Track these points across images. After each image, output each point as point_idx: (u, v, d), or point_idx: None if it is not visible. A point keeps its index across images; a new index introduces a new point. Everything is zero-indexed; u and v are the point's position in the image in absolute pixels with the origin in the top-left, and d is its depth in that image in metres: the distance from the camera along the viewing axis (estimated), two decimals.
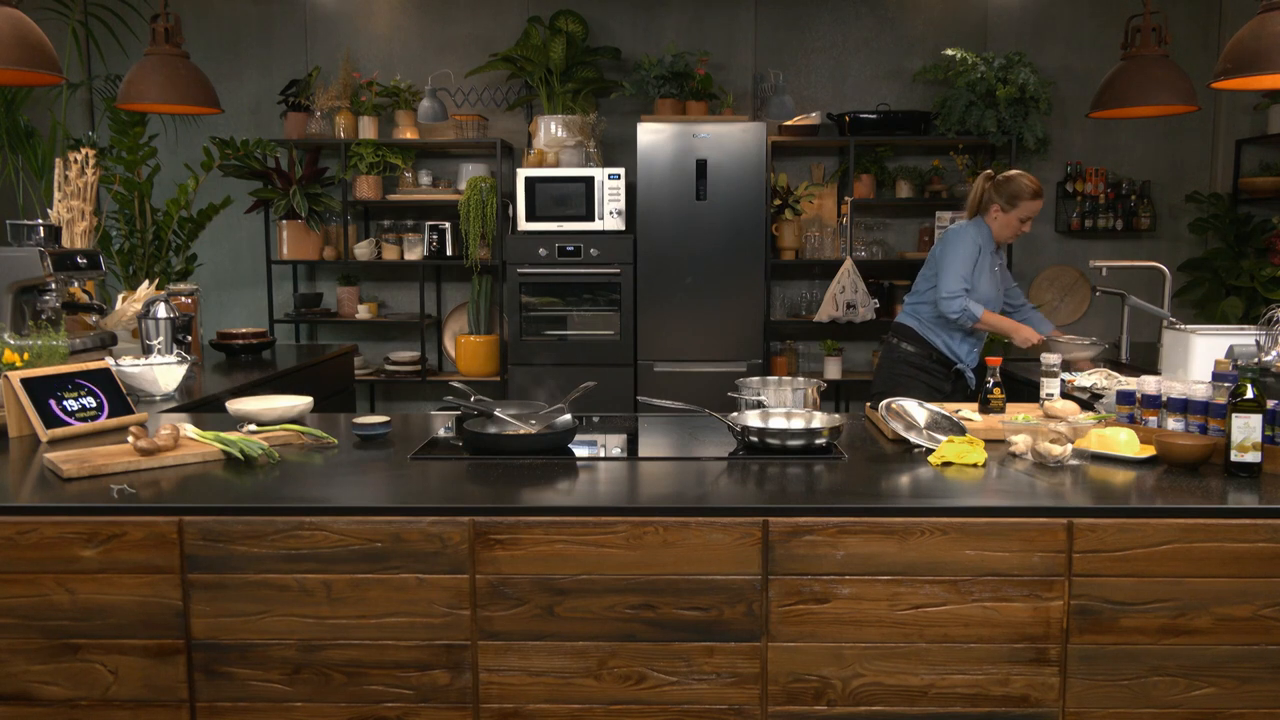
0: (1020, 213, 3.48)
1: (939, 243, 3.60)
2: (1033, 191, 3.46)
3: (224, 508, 1.83)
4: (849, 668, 1.84)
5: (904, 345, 3.63)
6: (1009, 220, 3.50)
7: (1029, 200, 3.46)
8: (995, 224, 3.53)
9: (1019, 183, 3.48)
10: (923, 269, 3.66)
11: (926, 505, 1.83)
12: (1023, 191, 3.46)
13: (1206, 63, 5.18)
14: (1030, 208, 3.47)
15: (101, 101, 5.34)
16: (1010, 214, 3.49)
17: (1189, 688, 1.84)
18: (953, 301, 3.42)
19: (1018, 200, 3.46)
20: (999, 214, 3.51)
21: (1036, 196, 3.47)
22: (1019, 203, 3.46)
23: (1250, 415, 1.95)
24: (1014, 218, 3.49)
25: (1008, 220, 3.50)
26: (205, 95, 3.85)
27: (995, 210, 3.51)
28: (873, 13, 5.55)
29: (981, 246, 3.49)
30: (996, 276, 3.59)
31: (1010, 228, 3.52)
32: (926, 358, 3.56)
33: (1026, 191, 3.46)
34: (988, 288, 3.53)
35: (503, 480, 2.02)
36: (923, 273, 3.65)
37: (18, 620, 1.83)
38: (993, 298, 3.57)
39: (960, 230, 3.53)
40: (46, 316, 3.20)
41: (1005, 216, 3.50)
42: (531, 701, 1.85)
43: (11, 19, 2.97)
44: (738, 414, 2.39)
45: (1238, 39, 2.93)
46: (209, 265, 5.61)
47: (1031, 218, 3.50)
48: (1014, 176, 3.50)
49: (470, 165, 5.49)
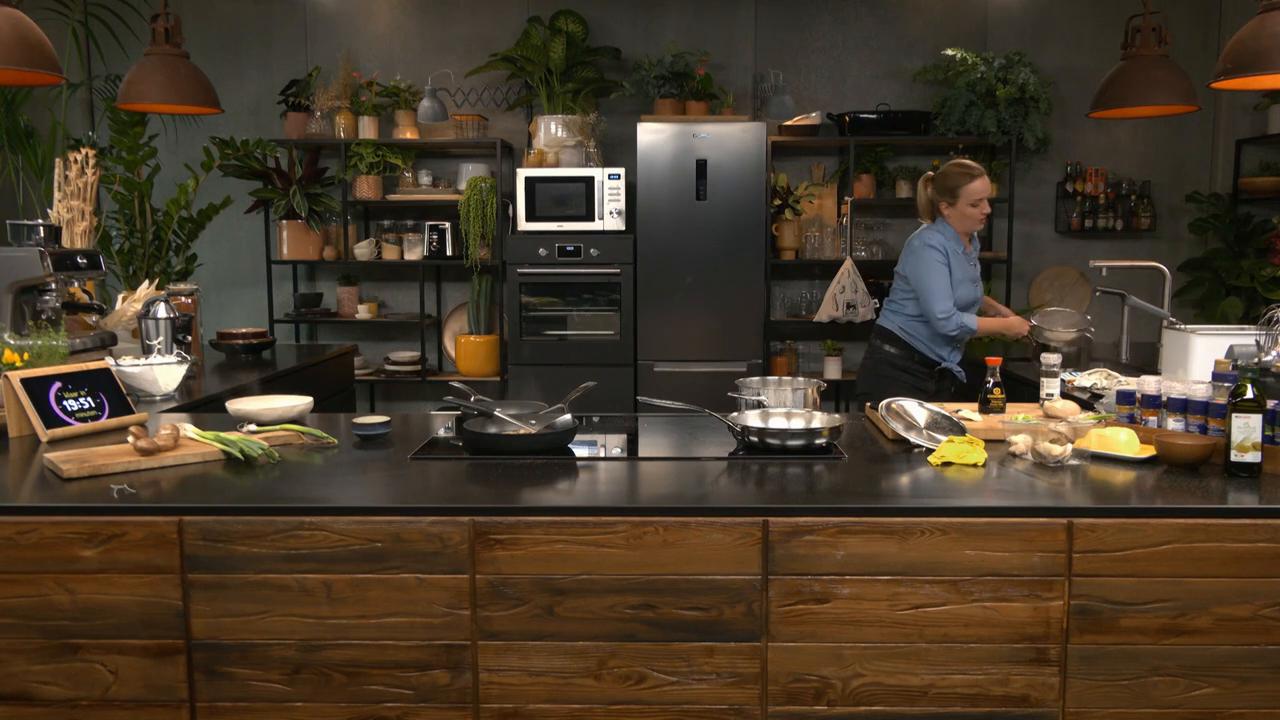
0: (966, 199, 3.39)
1: (907, 255, 3.52)
2: (967, 175, 3.38)
3: (224, 508, 1.83)
4: (849, 668, 1.84)
5: (886, 347, 3.59)
6: (960, 212, 3.42)
7: (967, 184, 3.38)
8: (952, 220, 3.46)
9: (950, 174, 3.41)
10: (896, 274, 3.62)
11: (926, 505, 1.83)
12: (957, 180, 3.39)
13: (1206, 63, 5.18)
14: (972, 191, 3.38)
15: (101, 101, 5.34)
16: (958, 205, 3.41)
17: (1189, 688, 1.84)
18: (947, 322, 3.38)
19: (956, 190, 3.39)
20: (949, 210, 3.44)
21: (973, 178, 3.38)
22: (959, 191, 3.39)
23: (1250, 415, 1.95)
24: (963, 207, 3.41)
25: (959, 212, 3.42)
26: (205, 95, 3.85)
27: (944, 208, 3.45)
28: (873, 13, 5.55)
29: (949, 250, 3.42)
30: (975, 273, 3.54)
31: (967, 218, 3.43)
32: (909, 359, 3.54)
33: (961, 178, 3.39)
34: (969, 290, 3.48)
35: (503, 480, 2.02)
36: (897, 280, 3.60)
37: (18, 620, 1.83)
38: (976, 297, 3.53)
39: (922, 245, 3.45)
40: (46, 316, 3.20)
41: (955, 210, 3.43)
42: (531, 701, 1.85)
43: (11, 19, 2.97)
44: (738, 414, 2.39)
45: (1238, 39, 2.93)
46: (209, 265, 5.61)
47: (983, 197, 3.40)
48: (944, 170, 3.45)
49: (470, 165, 5.49)
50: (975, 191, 3.39)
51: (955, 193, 3.41)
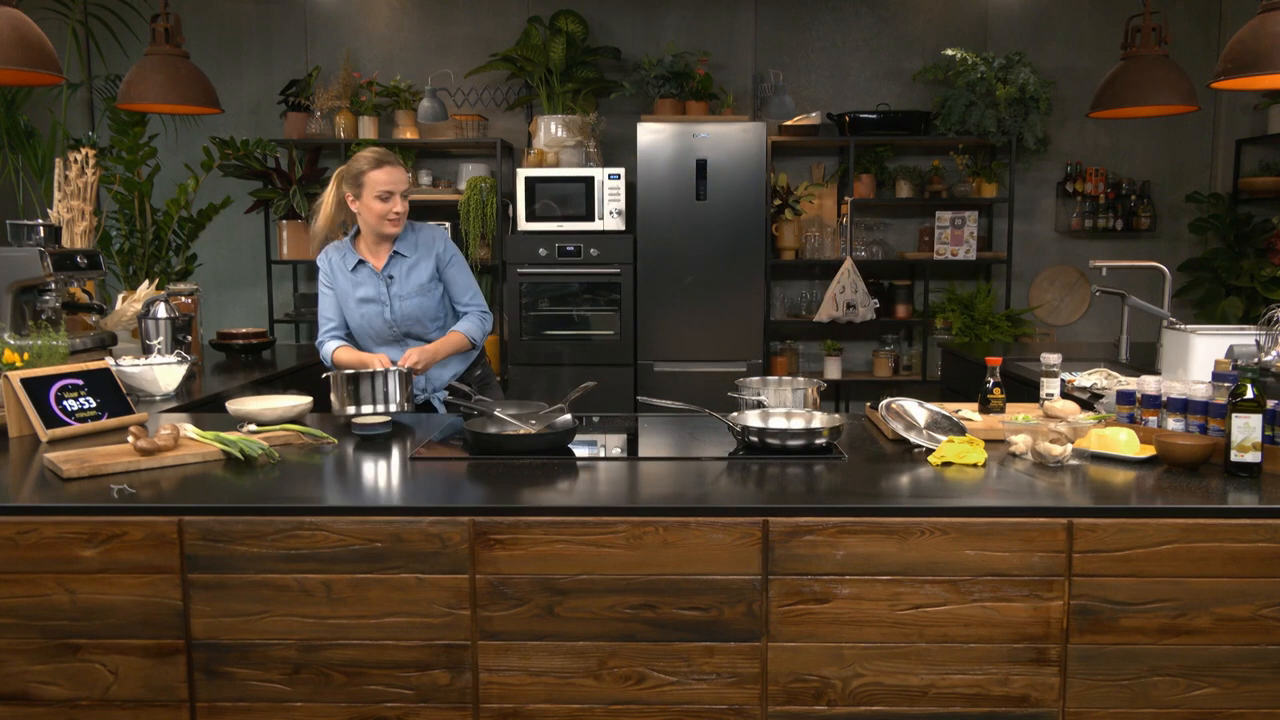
0: (370, 190, 2.86)
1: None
2: (372, 161, 2.87)
3: (224, 508, 1.83)
4: (849, 668, 1.84)
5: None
6: (362, 205, 2.89)
7: (370, 171, 2.85)
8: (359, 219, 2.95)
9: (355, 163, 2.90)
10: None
11: (926, 505, 1.83)
12: (360, 166, 2.88)
13: (1206, 63, 5.19)
14: (375, 180, 2.85)
15: (101, 101, 5.35)
16: (362, 198, 2.89)
17: (1189, 688, 1.84)
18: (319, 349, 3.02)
19: (360, 177, 2.87)
20: (354, 203, 2.92)
21: (377, 165, 2.86)
22: (362, 179, 2.86)
23: (1250, 415, 1.95)
24: (366, 200, 2.87)
25: (361, 206, 2.89)
26: (205, 95, 3.84)
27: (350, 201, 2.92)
28: (873, 13, 5.55)
29: (333, 265, 2.97)
30: (384, 291, 2.94)
31: (369, 212, 2.88)
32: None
33: (365, 163, 2.87)
34: (361, 312, 2.96)
35: (503, 480, 2.02)
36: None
37: (18, 620, 1.83)
38: (372, 321, 2.96)
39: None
40: (46, 316, 3.20)
41: (359, 203, 2.90)
42: (531, 701, 1.85)
43: (11, 19, 2.97)
44: (738, 414, 2.39)
45: (1238, 39, 2.93)
46: (209, 265, 5.61)
47: (389, 191, 2.86)
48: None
49: (470, 165, 5.49)
50: (378, 180, 2.85)
51: (360, 179, 2.87)
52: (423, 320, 2.97)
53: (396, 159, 2.92)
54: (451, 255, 3.02)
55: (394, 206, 2.86)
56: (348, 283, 2.96)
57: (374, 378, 2.49)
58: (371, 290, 2.94)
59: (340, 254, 2.98)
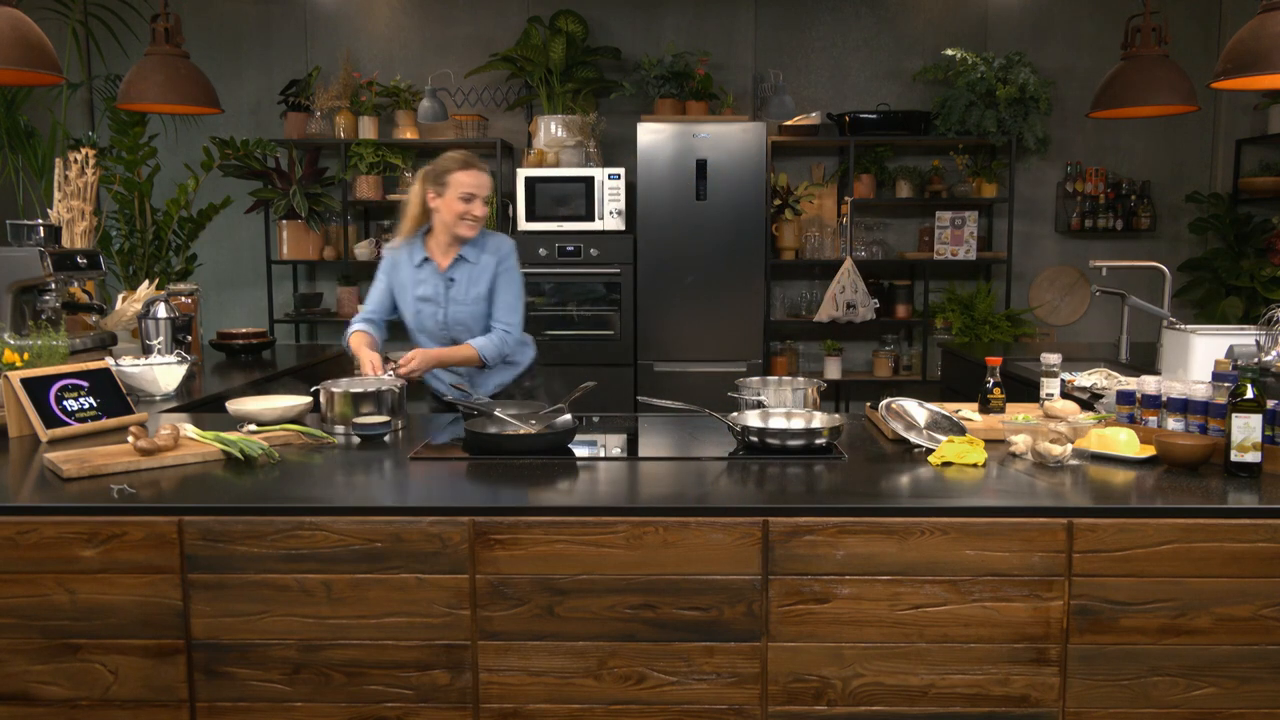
0: (453, 190, 2.88)
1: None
2: (460, 162, 2.92)
3: (224, 508, 1.83)
4: (849, 668, 1.84)
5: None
6: (442, 204, 2.91)
7: (457, 172, 2.89)
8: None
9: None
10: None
11: (926, 505, 1.83)
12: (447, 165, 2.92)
13: (1206, 63, 5.18)
14: (460, 181, 2.88)
15: (101, 101, 5.35)
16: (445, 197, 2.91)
17: (1189, 688, 1.84)
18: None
19: (445, 177, 2.90)
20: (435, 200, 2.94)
21: (465, 167, 2.90)
22: (447, 178, 2.90)
23: (1250, 415, 1.95)
24: (448, 199, 2.90)
25: (441, 204, 2.92)
26: (205, 95, 3.85)
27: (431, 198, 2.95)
28: (873, 13, 5.55)
29: (398, 258, 3.02)
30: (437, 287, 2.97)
31: (448, 211, 2.91)
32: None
33: (453, 163, 2.92)
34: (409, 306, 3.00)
35: (503, 480, 2.02)
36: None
37: (18, 620, 1.83)
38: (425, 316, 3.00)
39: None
40: (46, 316, 3.20)
41: (439, 200, 2.92)
42: (531, 701, 1.85)
43: (11, 19, 2.97)
44: (738, 414, 2.39)
45: (1238, 39, 2.93)
46: (209, 265, 5.60)
47: (472, 194, 2.89)
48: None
49: None
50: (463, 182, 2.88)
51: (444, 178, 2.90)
52: (473, 329, 2.97)
53: (483, 164, 2.96)
54: (506, 268, 3.01)
55: (473, 209, 2.89)
56: (409, 278, 2.99)
57: (365, 396, 2.46)
58: (430, 289, 2.96)
59: (408, 248, 3.00)
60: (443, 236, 2.97)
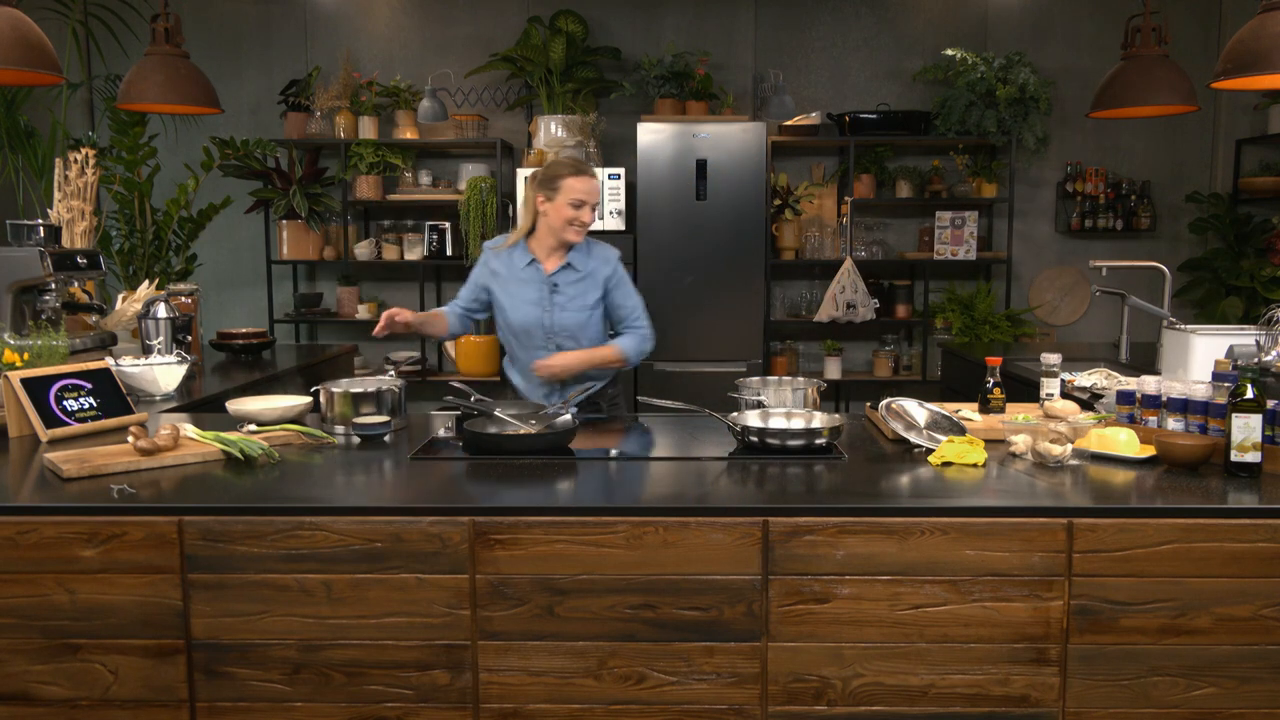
0: (564, 196, 2.86)
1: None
2: (572, 168, 2.91)
3: (224, 508, 1.83)
4: (849, 668, 1.84)
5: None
6: (552, 208, 2.89)
7: (569, 177, 2.87)
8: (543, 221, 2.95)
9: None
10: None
11: (926, 505, 1.83)
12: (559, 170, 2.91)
13: (1206, 63, 5.18)
14: (571, 187, 2.86)
15: (101, 101, 5.35)
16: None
17: (1189, 688, 1.84)
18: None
19: (557, 181, 2.88)
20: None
21: (577, 173, 2.89)
22: (559, 183, 2.88)
23: (1250, 415, 1.95)
24: (558, 203, 2.88)
25: (551, 208, 2.90)
26: (205, 95, 3.85)
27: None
28: (873, 13, 5.55)
29: (499, 262, 2.99)
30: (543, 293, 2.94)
31: (557, 216, 2.88)
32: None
33: (565, 168, 2.90)
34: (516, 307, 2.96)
35: (503, 480, 2.02)
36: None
37: (18, 620, 1.83)
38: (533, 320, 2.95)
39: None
40: (46, 316, 3.20)
41: (549, 204, 2.90)
42: (531, 701, 1.85)
43: (11, 19, 2.97)
44: (738, 414, 2.39)
45: (1238, 39, 2.93)
46: (209, 265, 5.61)
47: (582, 200, 2.87)
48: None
49: (470, 165, 5.49)
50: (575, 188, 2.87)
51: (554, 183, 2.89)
52: (576, 336, 2.95)
53: (594, 170, 2.96)
54: (620, 278, 3.00)
55: (583, 215, 2.87)
56: (513, 280, 2.95)
57: (365, 396, 2.46)
58: (534, 293, 2.93)
59: (510, 251, 2.98)
60: (548, 240, 2.94)
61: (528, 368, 2.96)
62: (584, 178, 2.87)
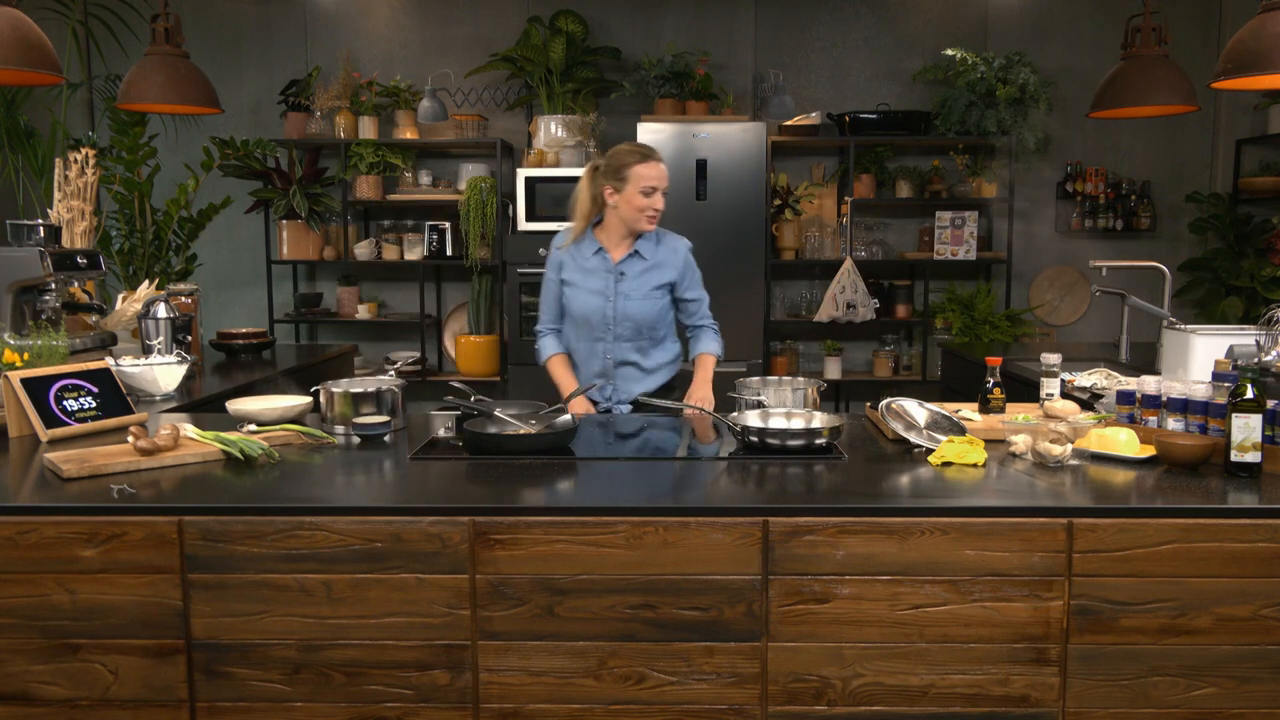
0: (634, 184, 2.83)
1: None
2: (639, 155, 2.86)
3: (224, 508, 1.83)
4: (849, 668, 1.84)
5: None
6: (622, 199, 2.86)
7: (637, 165, 2.83)
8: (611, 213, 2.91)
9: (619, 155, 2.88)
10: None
11: (926, 505, 1.83)
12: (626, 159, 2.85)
13: (1206, 63, 5.18)
14: (641, 175, 2.82)
15: (101, 101, 5.35)
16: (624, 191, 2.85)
17: (1189, 688, 1.84)
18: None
19: (625, 171, 2.84)
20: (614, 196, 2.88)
21: (645, 160, 2.85)
22: (627, 172, 2.83)
23: (1250, 415, 1.95)
24: (628, 193, 2.84)
25: (621, 199, 2.86)
26: (205, 95, 3.85)
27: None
28: (873, 13, 5.55)
29: (566, 254, 2.97)
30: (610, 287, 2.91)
31: (628, 206, 2.85)
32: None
33: (632, 156, 2.85)
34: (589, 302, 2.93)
35: (503, 480, 2.02)
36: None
37: (18, 620, 1.83)
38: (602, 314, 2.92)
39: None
40: (46, 316, 3.20)
41: (618, 196, 2.86)
42: (531, 701, 1.85)
43: (11, 19, 2.97)
44: (738, 414, 2.39)
45: (1238, 39, 2.93)
46: (209, 265, 5.61)
47: (653, 187, 2.84)
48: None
49: (470, 165, 5.49)
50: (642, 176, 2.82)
51: (621, 173, 2.84)
52: (641, 326, 2.93)
53: (660, 155, 2.89)
54: (691, 271, 3.01)
55: (655, 203, 2.85)
56: (578, 270, 2.93)
57: (365, 396, 2.45)
58: (600, 282, 2.91)
59: (577, 244, 2.95)
60: (619, 230, 2.91)
61: (586, 356, 2.97)
62: (652, 163, 2.84)
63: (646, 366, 2.97)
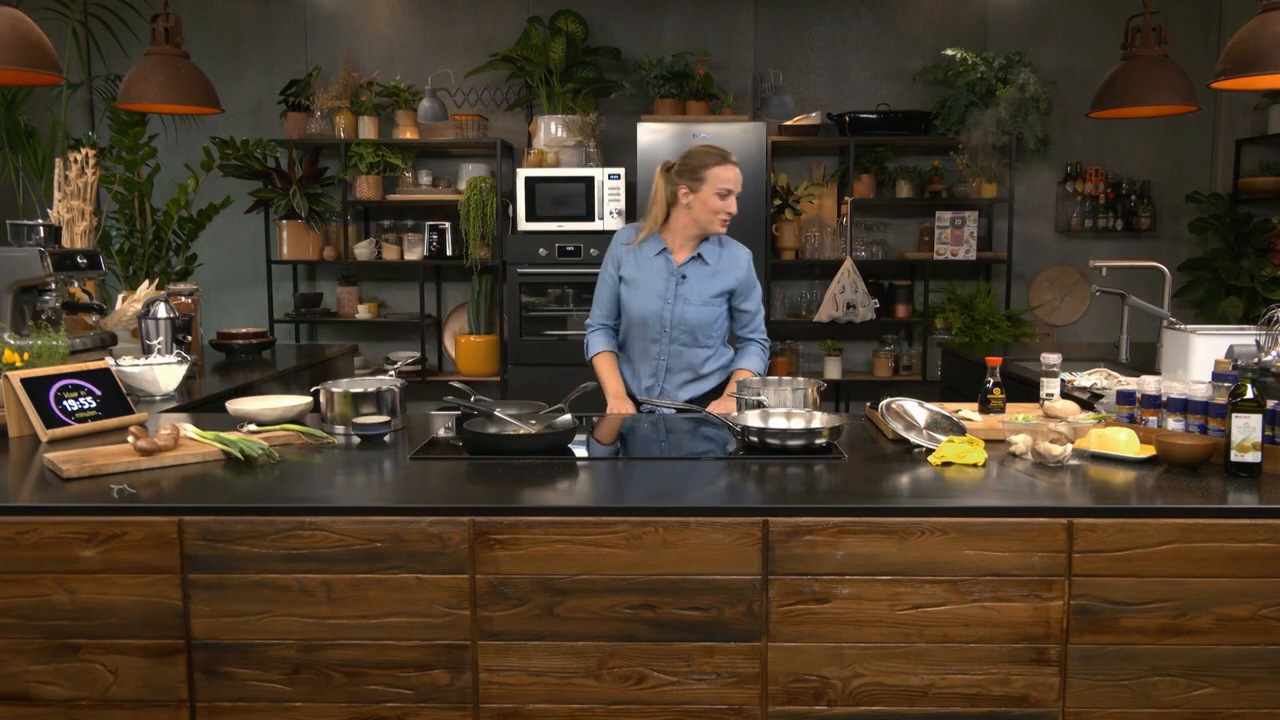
0: (711, 186, 2.82)
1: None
2: (718, 157, 2.85)
3: (224, 508, 1.83)
4: (849, 668, 1.84)
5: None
6: (697, 200, 2.84)
7: (715, 167, 2.82)
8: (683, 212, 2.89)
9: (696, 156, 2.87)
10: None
11: (926, 505, 1.83)
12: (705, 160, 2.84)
13: (1206, 63, 5.18)
14: (719, 177, 2.81)
15: (101, 101, 5.35)
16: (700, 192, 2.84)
17: (1189, 688, 1.84)
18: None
19: (702, 172, 2.82)
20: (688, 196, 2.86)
21: (723, 162, 2.84)
22: (704, 173, 2.82)
23: (1250, 415, 1.95)
24: (704, 194, 2.83)
25: (696, 200, 2.84)
26: (205, 95, 3.85)
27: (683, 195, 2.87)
28: (873, 13, 5.55)
29: (628, 252, 2.96)
30: (671, 288, 2.90)
31: (703, 207, 2.84)
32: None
33: (710, 158, 2.84)
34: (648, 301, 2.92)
35: (503, 480, 2.02)
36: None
37: (18, 620, 1.83)
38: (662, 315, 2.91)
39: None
40: (46, 316, 3.20)
41: (693, 196, 2.85)
42: (531, 701, 1.85)
43: (11, 19, 2.97)
44: (738, 414, 2.39)
45: (1238, 39, 2.93)
46: (209, 265, 5.61)
47: (729, 190, 2.82)
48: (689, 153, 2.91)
49: (470, 165, 5.49)
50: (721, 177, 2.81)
51: (699, 173, 2.83)
52: (697, 331, 2.91)
53: (735, 157, 2.88)
54: (751, 282, 2.98)
55: (729, 206, 2.83)
56: (638, 268, 2.92)
57: (365, 396, 2.45)
58: (660, 284, 2.90)
59: (641, 243, 2.94)
60: (689, 230, 2.89)
61: (640, 356, 2.96)
62: (729, 166, 2.83)
63: (700, 371, 2.96)
